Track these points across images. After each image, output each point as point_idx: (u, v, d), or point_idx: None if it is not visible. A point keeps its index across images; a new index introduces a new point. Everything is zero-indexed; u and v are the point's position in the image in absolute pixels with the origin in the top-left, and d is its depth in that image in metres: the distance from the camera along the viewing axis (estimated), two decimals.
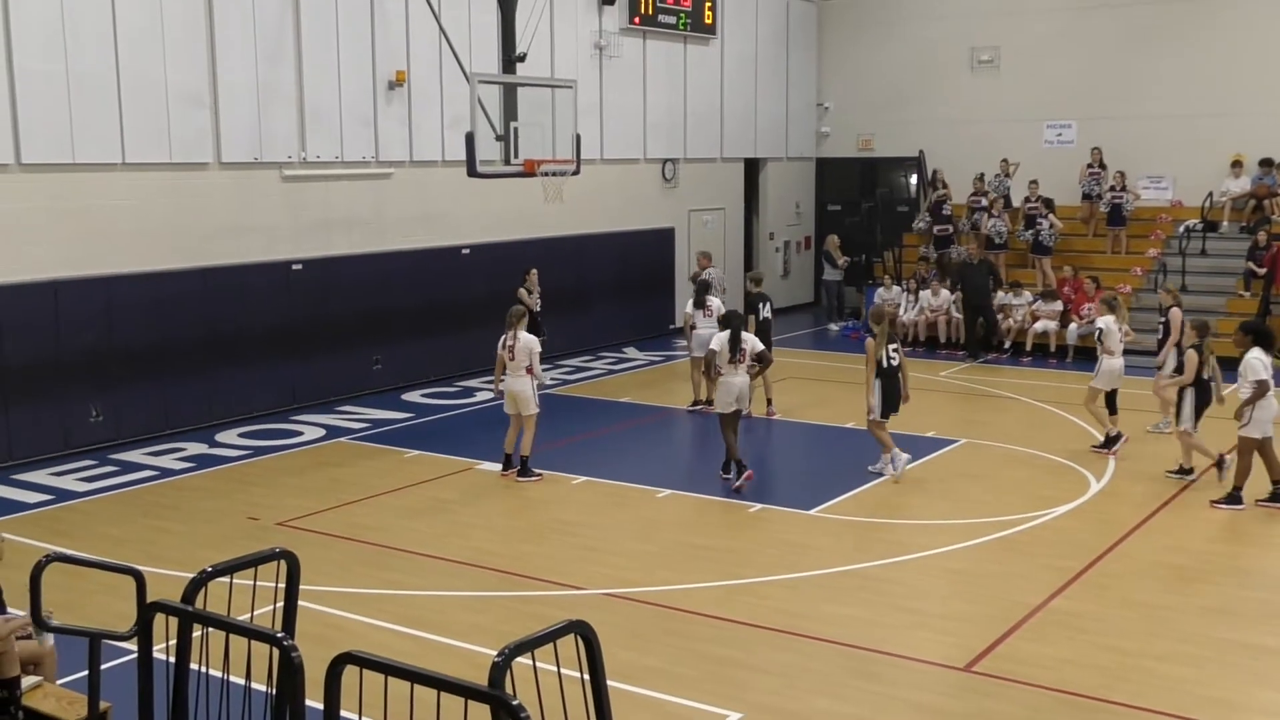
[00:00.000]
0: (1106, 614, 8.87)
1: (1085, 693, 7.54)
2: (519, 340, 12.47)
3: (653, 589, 9.42)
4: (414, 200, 17.71)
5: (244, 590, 5.17)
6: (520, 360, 12.46)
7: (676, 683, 7.71)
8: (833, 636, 8.45)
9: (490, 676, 3.75)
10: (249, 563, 5.10)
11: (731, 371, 12.28)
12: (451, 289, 18.06)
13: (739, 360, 12.27)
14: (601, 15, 20.87)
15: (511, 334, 12.49)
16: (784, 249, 26.34)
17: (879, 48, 25.73)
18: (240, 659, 4.83)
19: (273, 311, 15.74)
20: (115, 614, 7.52)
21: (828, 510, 11.60)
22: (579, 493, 12.33)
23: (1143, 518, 11.22)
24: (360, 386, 16.91)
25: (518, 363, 12.48)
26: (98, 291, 13.90)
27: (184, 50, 14.63)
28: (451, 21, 17.22)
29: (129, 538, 10.78)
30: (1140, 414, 14.79)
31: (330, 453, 13.98)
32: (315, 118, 16.16)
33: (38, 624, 6.10)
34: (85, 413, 13.85)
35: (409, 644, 8.25)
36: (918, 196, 25.46)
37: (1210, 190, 21.74)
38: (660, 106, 22.45)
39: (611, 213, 21.05)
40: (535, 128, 15.69)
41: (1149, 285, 20.66)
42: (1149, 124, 22.75)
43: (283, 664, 4.22)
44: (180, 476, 12.91)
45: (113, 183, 14.14)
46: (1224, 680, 7.78)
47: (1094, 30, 23.28)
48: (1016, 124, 23.90)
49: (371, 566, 10.02)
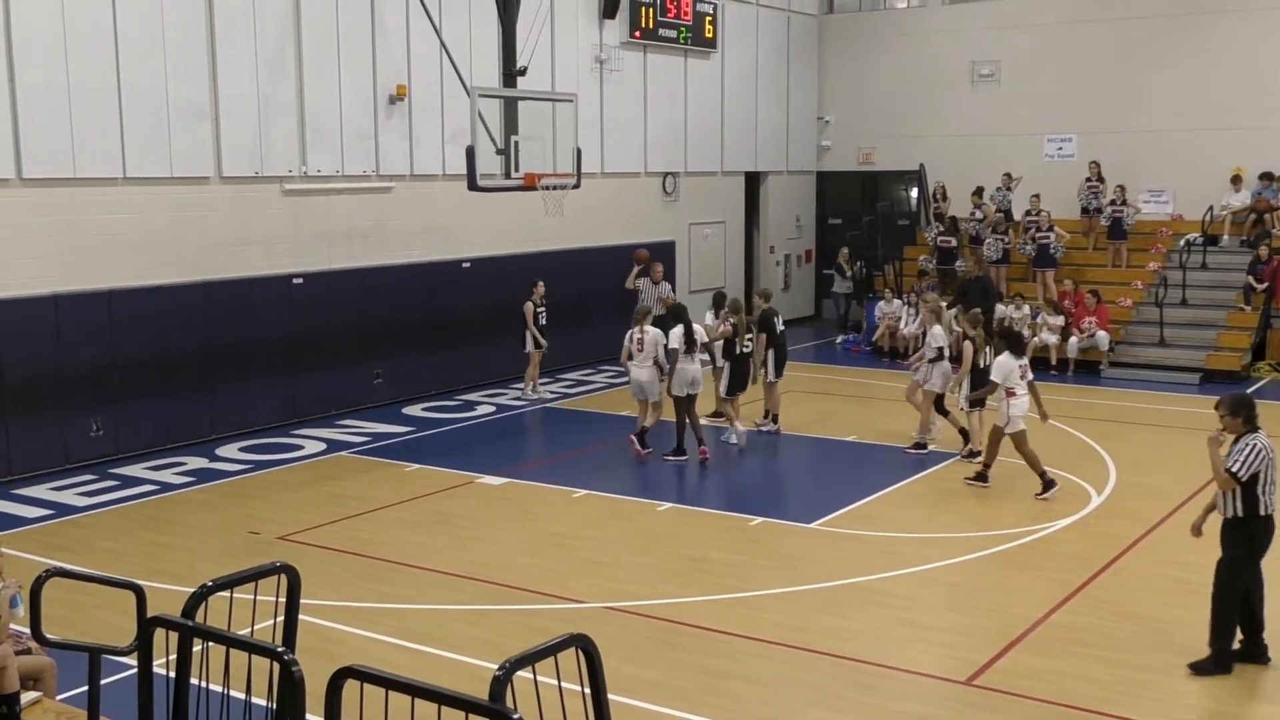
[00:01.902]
0: (1108, 628, 8.86)
1: (1087, 706, 7.53)
2: (647, 334, 13.85)
3: (653, 602, 9.41)
4: (415, 214, 17.74)
5: (244, 605, 5.16)
6: (648, 352, 13.83)
7: (676, 696, 7.70)
8: (833, 650, 8.44)
9: (491, 690, 3.74)
10: (249, 577, 5.09)
11: (687, 360, 13.66)
12: (452, 302, 18.08)
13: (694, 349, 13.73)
14: (602, 29, 20.93)
15: (639, 328, 13.92)
16: (785, 262, 26.36)
17: (880, 61, 25.79)
18: (241, 674, 4.82)
19: (273, 325, 15.75)
20: (115, 629, 7.50)
21: (828, 524, 11.59)
22: (579, 506, 12.32)
23: (1143, 531, 11.21)
24: (361, 400, 16.91)
25: (645, 354, 13.85)
26: (98, 305, 13.92)
27: (185, 64, 14.67)
28: (452, 35, 17.28)
29: (129, 552, 10.78)
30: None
31: (331, 467, 13.98)
32: (316, 131, 16.20)
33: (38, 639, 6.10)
34: (85, 427, 13.85)
35: (410, 658, 8.24)
36: (918, 210, 25.50)
37: (1210, 204, 21.77)
38: (661, 120, 22.50)
39: (612, 226, 21.08)
40: (536, 141, 15.72)
41: (1149, 299, 20.68)
42: (1149, 137, 22.79)
43: (283, 679, 4.22)
44: (181, 491, 12.90)
45: (114, 197, 14.17)
46: (1225, 694, 7.77)
47: (1094, 44, 23.34)
48: (1017, 138, 23.95)
49: (372, 580, 10.01)
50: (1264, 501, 7.79)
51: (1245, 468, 7.73)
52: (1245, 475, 7.73)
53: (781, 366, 15.33)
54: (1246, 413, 7.93)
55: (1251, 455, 7.74)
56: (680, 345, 13.70)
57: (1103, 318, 19.97)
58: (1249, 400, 8.08)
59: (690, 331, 13.79)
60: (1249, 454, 7.74)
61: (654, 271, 18.44)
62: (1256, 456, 7.74)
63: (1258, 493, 7.76)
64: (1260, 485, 7.76)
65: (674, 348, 13.74)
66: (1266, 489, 7.77)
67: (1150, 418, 16.50)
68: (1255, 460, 7.72)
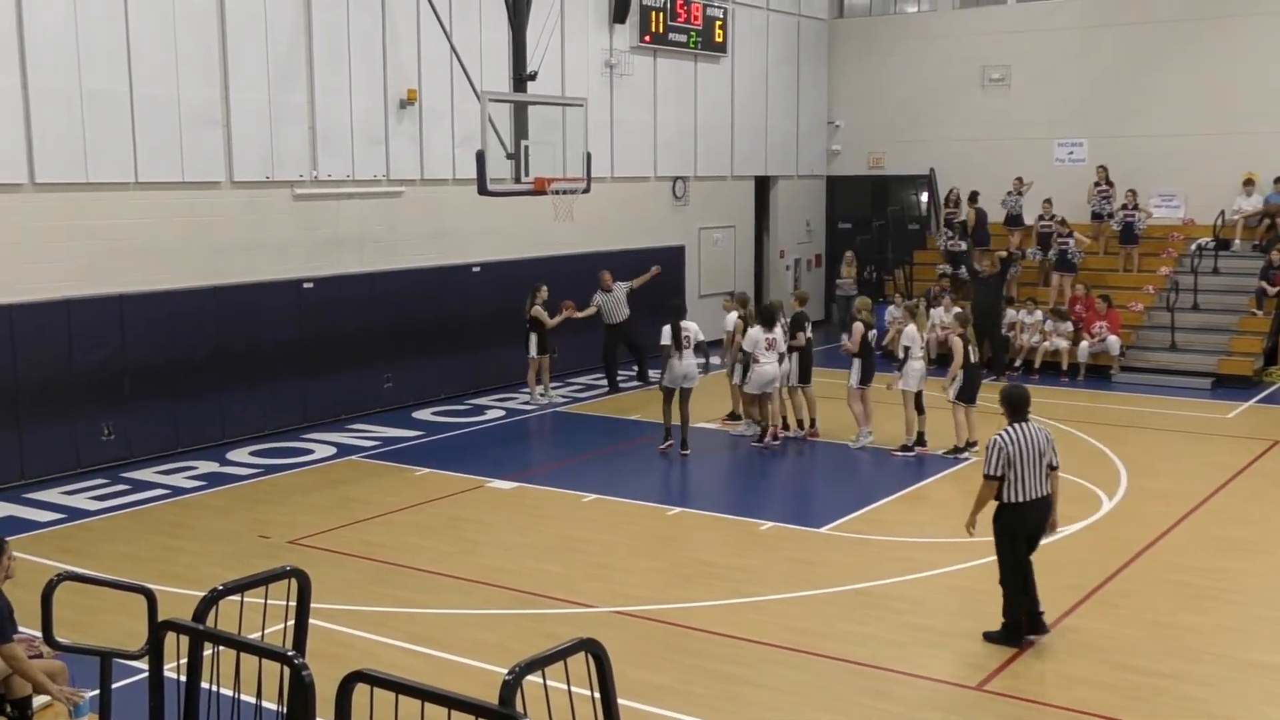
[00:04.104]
0: (1119, 633, 8.83)
1: (1098, 711, 7.50)
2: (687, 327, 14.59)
3: (663, 606, 9.40)
4: (425, 218, 17.77)
5: (255, 608, 5.18)
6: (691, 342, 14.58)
7: (687, 701, 7.69)
8: (844, 655, 8.42)
9: (501, 695, 3.74)
10: (260, 581, 5.10)
11: (678, 356, 14.32)
12: (462, 307, 18.10)
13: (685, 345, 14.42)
14: (612, 34, 20.95)
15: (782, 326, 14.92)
16: (794, 266, 26.33)
17: (890, 66, 25.77)
18: (251, 677, 4.83)
19: (284, 329, 15.79)
20: (127, 632, 7.52)
21: (839, 528, 11.57)
22: (589, 510, 12.32)
23: (1155, 536, 11.17)
24: (371, 404, 16.94)
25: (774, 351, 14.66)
26: (110, 310, 13.96)
27: (197, 69, 14.72)
28: (462, 40, 17.31)
29: (140, 556, 10.80)
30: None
31: (341, 471, 14.00)
32: (327, 136, 16.24)
33: (50, 642, 6.11)
34: (97, 431, 13.89)
35: (420, 662, 8.25)
36: (929, 214, 25.46)
37: (1222, 208, 21.70)
38: (671, 124, 22.50)
39: (622, 231, 21.09)
40: (546, 146, 15.73)
41: (1161, 304, 20.62)
42: (1160, 142, 22.73)
43: (294, 683, 4.22)
44: (192, 495, 12.93)
45: (125, 202, 14.22)
46: (1237, 699, 7.74)
47: (1104, 48, 23.29)
48: (1027, 142, 23.90)
49: (382, 584, 10.02)
50: (1008, 492, 8.39)
51: (991, 467, 8.41)
52: (996, 472, 8.39)
53: (807, 372, 15.40)
54: (1009, 405, 8.60)
55: (992, 452, 8.43)
56: (669, 342, 14.37)
57: (1114, 322, 19.91)
58: (1013, 393, 8.63)
59: (678, 330, 14.42)
60: (990, 452, 8.45)
61: (603, 280, 18.59)
62: (996, 453, 8.39)
63: (1004, 485, 8.39)
64: (1007, 476, 8.36)
65: (665, 344, 14.39)
66: (1012, 479, 8.33)
67: (1161, 422, 16.45)
68: (995, 457, 8.38)
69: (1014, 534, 8.48)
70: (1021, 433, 8.44)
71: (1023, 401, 8.61)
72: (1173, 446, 15.15)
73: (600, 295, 18.60)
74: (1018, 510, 8.43)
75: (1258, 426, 16.25)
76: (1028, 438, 8.43)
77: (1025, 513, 8.43)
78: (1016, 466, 8.35)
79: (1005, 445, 8.38)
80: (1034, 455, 8.39)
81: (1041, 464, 8.42)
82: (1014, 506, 8.43)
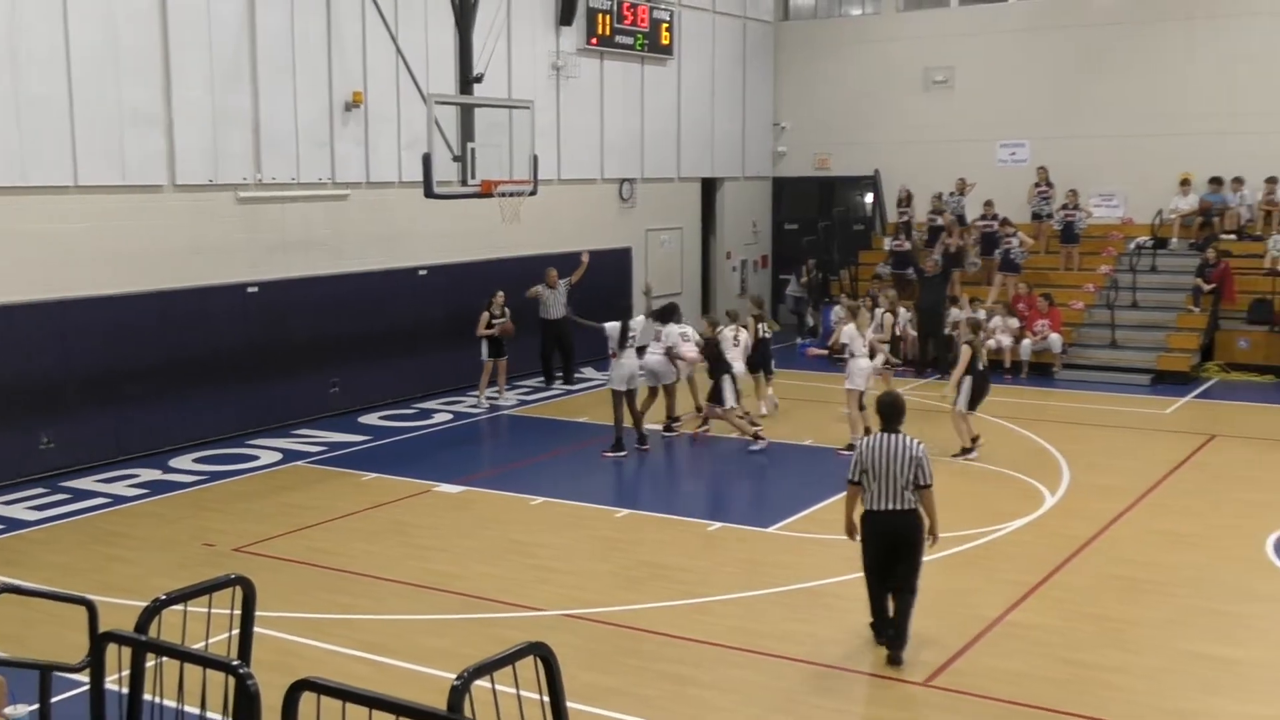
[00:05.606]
0: (1064, 627, 8.96)
1: (1044, 705, 7.60)
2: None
3: (612, 609, 9.41)
4: (371, 221, 17.64)
5: (199, 618, 5.12)
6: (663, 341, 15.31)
7: (637, 703, 7.70)
8: (792, 654, 8.48)
9: (449, 700, 3.73)
10: (204, 590, 5.05)
11: (623, 355, 14.55)
12: (409, 310, 18.00)
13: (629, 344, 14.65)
14: (559, 36, 20.93)
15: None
16: (741, 268, 26.45)
17: (835, 68, 25.96)
18: (196, 688, 4.77)
19: (228, 334, 15.61)
20: (67, 645, 7.39)
21: (786, 528, 11.64)
22: (538, 513, 12.30)
23: (1097, 530, 11.34)
24: (317, 409, 16.78)
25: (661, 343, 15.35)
26: (50, 316, 13.72)
27: (138, 71, 14.51)
28: (408, 42, 17.22)
29: (80, 566, 10.63)
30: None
31: (287, 477, 13.86)
32: (271, 138, 16.07)
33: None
34: (35, 440, 13.65)
35: (367, 669, 8.19)
36: (874, 215, 25.67)
37: (1160, 208, 22.10)
38: (617, 127, 22.52)
39: (569, 233, 21.06)
40: (492, 148, 15.68)
41: (1101, 302, 20.94)
42: (1100, 143, 23.09)
43: (239, 693, 4.19)
44: (133, 503, 12.74)
45: (65, 205, 13.98)
46: (1181, 691, 7.87)
47: (1046, 52, 23.62)
48: (970, 144, 24.17)
49: (329, 591, 9.94)
50: (865, 498, 8.36)
51: (850, 472, 8.45)
52: (854, 477, 8.39)
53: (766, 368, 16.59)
54: (881, 413, 8.57)
55: (853, 458, 8.46)
56: (615, 339, 14.66)
57: (1055, 320, 20.20)
58: (885, 401, 8.59)
59: (626, 328, 14.75)
60: (852, 458, 8.48)
61: (548, 277, 18.84)
62: (854, 460, 8.42)
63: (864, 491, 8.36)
64: (864, 483, 8.32)
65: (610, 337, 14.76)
66: (868, 485, 8.29)
67: (1102, 418, 16.71)
68: (853, 463, 8.41)
69: (865, 539, 8.43)
70: (884, 443, 8.25)
71: (894, 411, 8.46)
72: (1114, 442, 15.38)
73: (543, 287, 18.69)
74: (871, 517, 8.35)
75: (1195, 421, 16.56)
76: (888, 450, 8.22)
77: (876, 522, 8.31)
78: (870, 475, 8.24)
79: (862, 453, 8.32)
80: (892, 468, 8.18)
81: (900, 478, 8.17)
82: (867, 514, 8.36)
